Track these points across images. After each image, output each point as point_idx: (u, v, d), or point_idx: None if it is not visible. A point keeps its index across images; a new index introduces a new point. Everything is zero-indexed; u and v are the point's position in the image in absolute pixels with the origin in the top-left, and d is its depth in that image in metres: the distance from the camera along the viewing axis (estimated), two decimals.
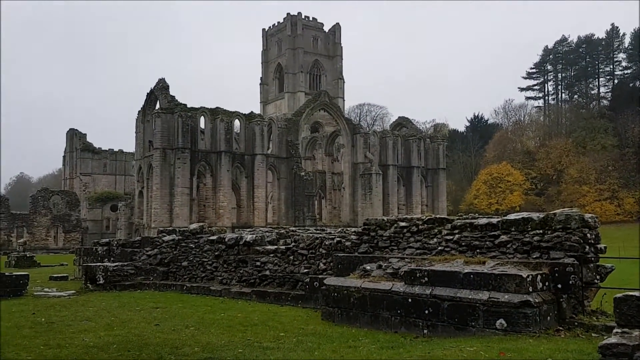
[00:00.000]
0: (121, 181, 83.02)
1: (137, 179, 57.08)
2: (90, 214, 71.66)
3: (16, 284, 13.97)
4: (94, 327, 8.83)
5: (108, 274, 15.22)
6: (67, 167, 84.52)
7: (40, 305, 11.90)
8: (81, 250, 20.28)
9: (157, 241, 16.85)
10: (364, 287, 8.86)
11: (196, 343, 7.53)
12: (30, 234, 57.98)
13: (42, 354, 6.78)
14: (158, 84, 52.42)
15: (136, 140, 56.26)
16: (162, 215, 49.84)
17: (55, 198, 62.53)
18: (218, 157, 52.54)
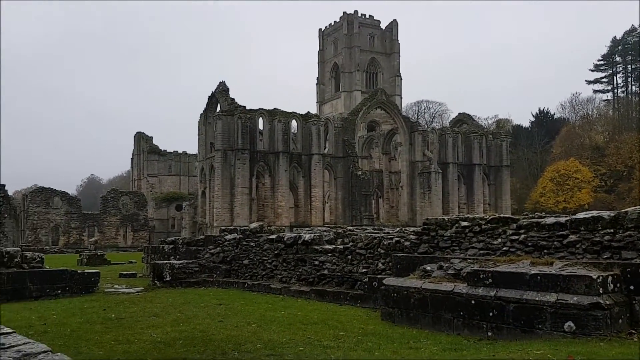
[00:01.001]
0: (185, 182, 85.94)
1: (199, 180, 58.90)
2: (156, 214, 74.62)
3: (88, 281, 14.75)
4: (161, 323, 9.17)
5: (174, 271, 15.79)
6: (134, 168, 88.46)
7: (111, 301, 12.49)
8: (149, 249, 21.13)
9: (220, 240, 17.31)
10: (425, 288, 8.71)
11: (258, 340, 7.67)
12: (100, 233, 61.06)
13: (113, 349, 7.10)
14: (219, 87, 53.84)
15: (198, 142, 58.08)
16: (223, 214, 51.14)
17: (124, 198, 65.57)
18: (276, 158, 53.33)
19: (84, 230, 60.87)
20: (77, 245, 56.88)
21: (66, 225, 59.94)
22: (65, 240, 59.14)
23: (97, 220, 62.07)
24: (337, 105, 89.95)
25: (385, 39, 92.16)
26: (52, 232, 59.30)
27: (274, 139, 53.68)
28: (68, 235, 59.71)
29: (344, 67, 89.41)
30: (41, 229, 58.26)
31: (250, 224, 29.06)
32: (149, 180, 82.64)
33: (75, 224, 60.41)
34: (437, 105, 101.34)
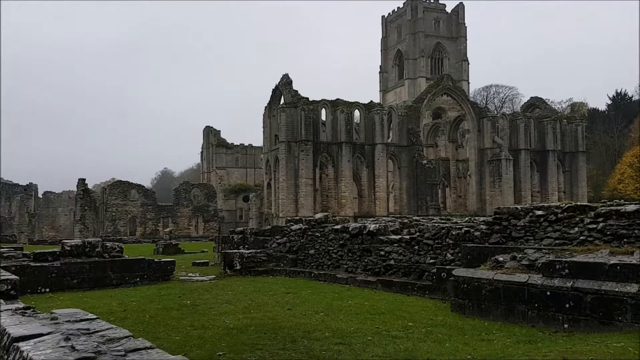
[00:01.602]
0: (251, 174, 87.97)
1: (265, 172, 60.06)
2: (225, 205, 76.95)
3: (164, 269, 15.46)
4: (233, 310, 9.47)
5: (243, 260, 16.24)
6: (204, 161, 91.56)
7: (185, 289, 13.03)
8: (219, 238, 21.84)
9: (286, 230, 17.60)
10: (497, 279, 8.46)
11: (326, 328, 7.75)
12: (174, 223, 63.71)
13: (189, 335, 7.40)
14: (282, 80, 54.52)
15: (263, 135, 59.19)
16: (288, 205, 51.93)
17: (195, 190, 68.02)
18: (339, 148, 53.39)
19: (159, 221, 63.74)
20: (152, 235, 59.72)
21: (142, 216, 63.02)
22: (142, 230, 62.23)
23: (171, 211, 64.80)
24: (400, 93, 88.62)
25: (451, 23, 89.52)
26: (129, 223, 62.56)
27: (336, 129, 53.75)
28: (144, 225, 62.78)
29: (408, 54, 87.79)
30: (119, 220, 61.59)
31: (314, 214, 29.36)
32: (217, 173, 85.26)
33: (151, 215, 63.37)
34: (507, 89, 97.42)
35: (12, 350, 3.99)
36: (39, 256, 13.66)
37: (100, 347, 3.67)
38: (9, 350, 4.07)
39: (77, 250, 14.16)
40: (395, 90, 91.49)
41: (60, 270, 13.33)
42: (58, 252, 13.99)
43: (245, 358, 6.07)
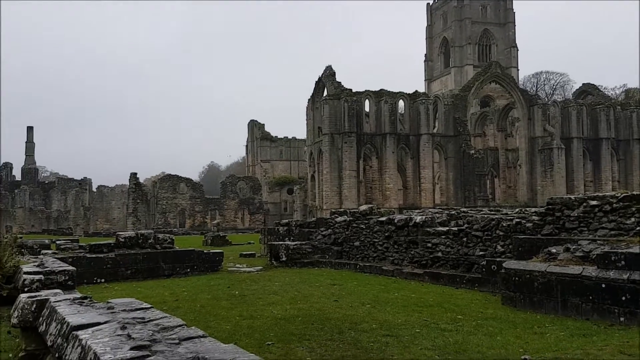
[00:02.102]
0: (295, 166, 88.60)
1: (308, 164, 60.33)
2: (270, 197, 77.86)
3: (213, 260, 15.81)
4: (280, 301, 9.58)
5: (289, 252, 16.40)
6: (249, 155, 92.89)
7: (234, 279, 13.27)
8: (265, 230, 22.13)
9: (330, 222, 17.64)
10: (550, 272, 8.20)
11: (373, 320, 7.73)
12: (221, 215, 64.99)
13: (239, 324, 7.54)
14: (325, 72, 54.46)
15: (307, 127, 59.41)
16: (332, 197, 52.00)
17: (240, 183, 69.15)
18: (383, 139, 52.95)
19: (207, 213, 65.19)
20: (201, 227, 61.16)
21: (191, 209, 64.61)
22: (191, 222, 63.83)
23: (218, 204, 66.13)
24: (446, 82, 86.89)
25: (499, 9, 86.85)
26: (179, 216, 64.28)
27: (380, 120, 53.29)
28: (193, 218, 64.37)
29: (454, 42, 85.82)
30: (169, 212, 63.37)
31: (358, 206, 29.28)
32: (262, 166, 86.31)
33: (199, 208, 64.89)
34: (558, 76, 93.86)
35: (71, 338, 4.16)
36: (95, 248, 14.22)
37: (155, 336, 3.78)
38: (68, 339, 4.25)
39: (130, 242, 14.65)
40: (441, 79, 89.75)
41: (114, 262, 13.84)
42: (112, 243, 14.53)
43: (293, 348, 6.13)
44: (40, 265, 9.84)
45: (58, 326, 4.74)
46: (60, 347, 4.38)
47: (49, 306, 5.57)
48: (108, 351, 3.39)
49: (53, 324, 4.95)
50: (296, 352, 5.93)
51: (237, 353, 3.30)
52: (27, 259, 11.35)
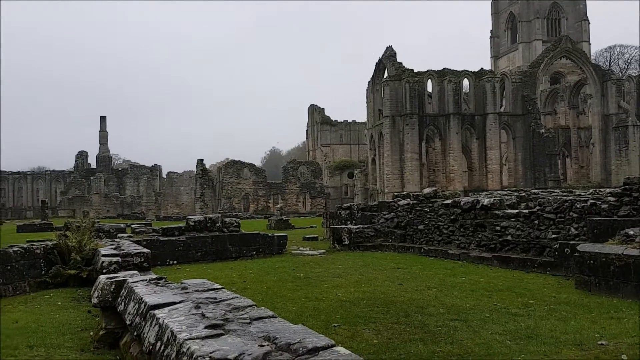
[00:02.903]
0: (356, 150, 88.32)
1: (369, 147, 59.93)
2: (330, 181, 78.19)
3: (278, 243, 16.10)
4: (344, 283, 9.62)
5: (352, 235, 16.42)
6: (309, 139, 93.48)
7: (298, 262, 13.46)
8: (327, 214, 22.27)
9: (393, 205, 17.47)
10: (627, 254, 7.74)
11: (440, 304, 7.60)
12: (283, 200, 66.05)
13: (304, 306, 7.64)
14: (385, 53, 53.62)
15: (367, 110, 58.90)
16: (393, 180, 51.48)
17: (301, 168, 69.86)
18: (446, 120, 51.64)
19: (269, 197, 66.45)
20: (264, 211, 62.44)
21: (254, 193, 66.07)
22: (254, 207, 65.29)
23: (280, 188, 67.21)
24: (514, 59, 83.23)
25: None
26: (243, 200, 65.91)
27: (443, 100, 51.95)
28: (256, 202, 65.82)
29: (521, 16, 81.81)
30: (234, 197, 65.09)
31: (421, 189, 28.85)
32: (322, 150, 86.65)
33: (262, 192, 66.24)
34: (633, 49, 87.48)
35: (149, 317, 4.36)
36: (167, 231, 14.83)
37: (227, 315, 3.89)
38: (146, 318, 4.45)
39: (199, 226, 15.17)
40: (507, 56, 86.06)
41: (185, 244, 14.39)
42: (183, 227, 15.10)
43: (359, 330, 6.14)
44: (117, 248, 10.38)
45: (136, 306, 4.98)
46: (138, 326, 4.61)
47: (126, 287, 5.86)
48: (184, 329, 3.53)
49: (131, 304, 5.21)
50: (362, 334, 5.94)
51: (307, 333, 3.34)
52: (105, 242, 12.02)
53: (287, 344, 3.14)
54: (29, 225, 35.10)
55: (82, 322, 6.87)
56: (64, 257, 10.38)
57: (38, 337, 6.05)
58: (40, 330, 6.39)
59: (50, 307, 8.00)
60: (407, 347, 5.43)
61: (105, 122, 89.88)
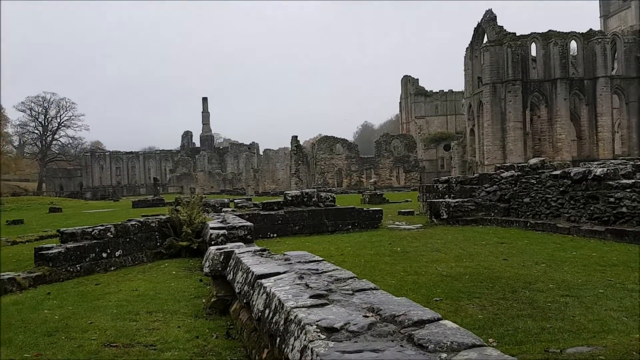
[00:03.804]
0: (452, 121, 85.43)
1: (467, 117, 57.70)
2: (425, 154, 76.55)
3: (373, 217, 16.10)
4: (444, 258, 9.42)
5: (450, 209, 15.99)
6: (403, 112, 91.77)
7: (394, 236, 13.37)
8: (423, 188, 21.83)
9: (495, 178, 16.73)
10: None
11: (549, 280, 7.21)
12: (376, 174, 65.74)
13: (403, 279, 7.58)
14: (485, 17, 50.91)
15: (465, 78, 56.56)
16: (494, 152, 49.28)
17: (395, 142, 68.92)
18: (552, 86, 48.24)
19: (362, 172, 66.47)
20: (357, 186, 62.67)
21: (347, 168, 66.40)
22: (347, 182, 65.71)
23: (373, 163, 66.93)
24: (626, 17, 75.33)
25: None
26: (336, 175, 66.53)
27: (549, 65, 48.52)
28: (349, 177, 66.16)
29: None
30: (327, 172, 65.89)
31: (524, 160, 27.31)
32: (416, 122, 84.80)
33: (355, 167, 66.41)
34: None
35: (257, 286, 4.55)
36: (267, 206, 15.38)
37: (330, 286, 3.95)
38: (254, 286, 4.65)
39: (296, 200, 15.56)
40: (619, 15, 78.04)
41: (284, 218, 14.85)
42: (281, 202, 15.57)
43: (463, 305, 5.98)
44: (222, 221, 10.93)
45: (244, 275, 5.22)
46: (247, 294, 4.83)
47: (234, 257, 6.16)
48: (290, 298, 3.63)
49: (239, 273, 5.47)
50: (466, 309, 5.78)
51: (411, 306, 3.29)
52: (211, 216, 12.71)
53: (392, 315, 3.12)
54: (143, 201, 38.05)
55: (195, 290, 7.34)
56: (176, 230, 11.13)
57: (156, 303, 6.56)
58: (158, 297, 6.92)
59: (165, 276, 8.64)
60: (514, 323, 5.21)
61: (206, 103, 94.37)
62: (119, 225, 10.09)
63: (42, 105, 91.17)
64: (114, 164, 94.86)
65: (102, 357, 4.49)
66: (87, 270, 8.95)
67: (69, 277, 8.53)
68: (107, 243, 9.54)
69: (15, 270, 8.46)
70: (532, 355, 4.30)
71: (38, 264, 8.42)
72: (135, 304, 6.50)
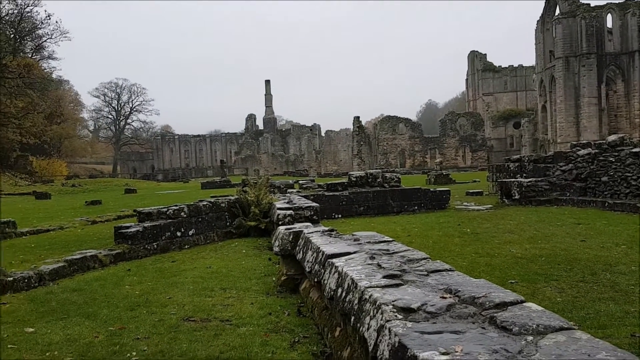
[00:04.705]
0: (522, 97, 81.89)
1: (538, 93, 55.10)
2: (493, 133, 73.97)
3: (440, 198, 15.77)
4: (517, 239, 9.08)
5: (522, 189, 15.38)
6: (469, 89, 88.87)
7: (463, 217, 13.04)
8: (493, 167, 21.12)
9: (571, 156, 15.90)
10: None
11: (631, 262, 6.80)
12: (441, 154, 64.37)
13: (475, 261, 7.38)
14: None
15: (536, 52, 53.91)
16: (567, 129, 46.88)
17: (461, 120, 67.02)
18: (630, 59, 45.11)
19: (426, 152, 65.27)
20: (420, 166, 61.67)
21: (410, 149, 65.41)
22: (411, 162, 64.79)
23: (437, 142, 65.52)
24: None
25: None
26: (399, 156, 65.75)
27: (626, 36, 45.30)
28: (413, 157, 65.18)
29: None
30: (390, 153, 65.22)
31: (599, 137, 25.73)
32: (484, 100, 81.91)
33: (418, 147, 65.30)
34: None
35: (328, 265, 4.56)
36: (331, 187, 15.42)
37: (403, 267, 3.89)
38: (325, 266, 4.67)
39: (360, 181, 15.49)
40: None
41: (348, 199, 14.84)
42: (345, 182, 15.56)
43: (540, 288, 5.75)
44: (289, 202, 11.08)
45: (314, 254, 5.26)
46: (317, 273, 4.86)
47: (303, 237, 6.21)
48: (363, 278, 3.61)
49: (309, 253, 5.51)
50: (544, 292, 5.55)
51: (491, 288, 3.19)
52: (278, 197, 12.92)
53: (471, 297, 3.03)
54: (211, 182, 39.29)
55: (265, 269, 7.50)
56: (245, 210, 11.39)
57: (229, 280, 6.76)
58: (230, 275, 7.13)
59: (236, 254, 8.88)
60: (596, 306, 4.96)
61: (269, 86, 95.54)
62: (191, 205, 10.45)
63: (115, 90, 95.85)
64: (183, 147, 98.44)
65: (182, 330, 4.68)
66: (163, 248, 9.37)
67: (147, 255, 8.96)
68: (181, 222, 9.92)
69: (96, 248, 8.96)
70: (618, 339, 4.09)
71: (118, 242, 8.89)
72: (209, 281, 6.73)
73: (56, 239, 11.61)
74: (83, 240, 10.90)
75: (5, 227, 12.53)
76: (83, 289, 6.52)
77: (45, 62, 61.91)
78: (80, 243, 10.46)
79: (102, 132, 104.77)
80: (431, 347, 2.31)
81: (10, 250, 10.12)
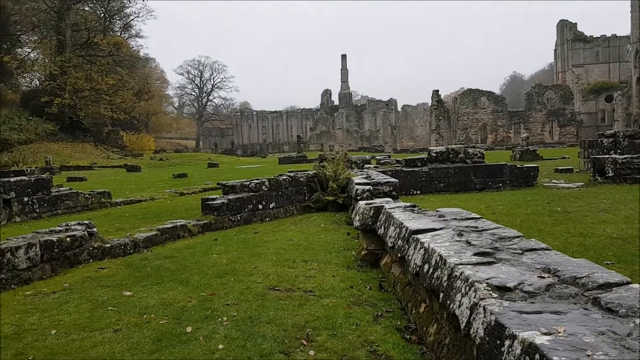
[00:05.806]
0: (615, 69, 75.97)
1: (633, 65, 50.87)
2: (583, 107, 69.38)
3: (527, 175, 15.05)
4: (612, 219, 8.50)
5: (617, 166, 14.33)
6: (558, 60, 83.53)
7: (552, 195, 12.37)
8: (584, 143, 19.83)
9: None
10: None
11: None
12: (526, 129, 61.25)
13: (567, 241, 6.99)
14: None
15: (631, 21, 49.59)
16: None
17: (548, 93, 63.27)
18: None
19: (510, 127, 62.43)
20: (504, 142, 59.12)
21: (493, 123, 62.80)
22: (493, 138, 62.26)
23: (522, 117, 62.43)
24: None
25: None
26: (480, 131, 63.36)
27: None
28: (495, 133, 62.60)
29: None
30: (471, 128, 62.98)
31: None
32: (574, 72, 76.77)
33: (502, 122, 62.56)
34: None
35: (412, 241, 4.48)
36: (409, 162, 15.15)
37: (495, 244, 3.74)
38: (409, 241, 4.59)
39: (441, 157, 15.10)
40: None
41: (428, 175, 14.53)
42: (425, 158, 15.23)
43: (637, 269, 5.36)
44: (367, 177, 11.02)
45: (397, 230, 5.19)
46: (401, 248, 4.80)
47: (384, 212, 6.15)
48: (452, 255, 3.51)
49: (391, 228, 5.45)
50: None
51: (593, 268, 3.00)
52: (355, 172, 12.90)
53: (572, 277, 2.87)
54: (288, 157, 39.96)
55: (344, 243, 7.54)
56: (322, 185, 11.49)
57: (310, 253, 6.86)
58: (311, 247, 7.23)
59: (315, 228, 9.00)
60: None
61: (345, 60, 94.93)
62: (272, 179, 10.68)
63: (198, 68, 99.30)
64: (260, 123, 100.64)
65: (268, 299, 4.82)
66: (245, 220, 9.68)
67: (231, 226, 9.30)
68: (262, 195, 10.18)
69: (185, 218, 9.41)
70: None
71: (205, 213, 9.29)
72: (291, 253, 6.87)
73: (148, 209, 12.33)
74: (172, 211, 11.50)
75: (101, 197, 13.48)
76: (175, 257, 6.88)
77: (132, 40, 65.20)
78: (170, 213, 11.04)
79: (185, 108, 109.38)
80: (531, 327, 2.22)
81: (106, 219, 10.87)
